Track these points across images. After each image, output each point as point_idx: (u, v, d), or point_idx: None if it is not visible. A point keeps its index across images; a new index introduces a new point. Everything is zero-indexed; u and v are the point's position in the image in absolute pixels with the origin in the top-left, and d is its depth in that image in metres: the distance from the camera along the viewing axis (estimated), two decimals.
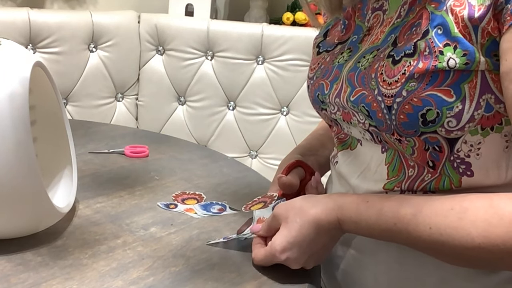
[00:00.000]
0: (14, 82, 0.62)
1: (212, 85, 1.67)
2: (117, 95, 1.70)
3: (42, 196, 0.66)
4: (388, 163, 0.68)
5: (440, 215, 0.56)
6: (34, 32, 1.54)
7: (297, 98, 1.65)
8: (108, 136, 1.18)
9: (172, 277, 0.65)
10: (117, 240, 0.72)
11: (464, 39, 0.56)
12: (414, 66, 0.59)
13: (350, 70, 0.69)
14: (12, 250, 0.67)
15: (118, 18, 1.67)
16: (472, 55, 0.56)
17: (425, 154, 0.62)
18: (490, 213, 0.54)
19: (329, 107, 0.74)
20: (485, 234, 0.53)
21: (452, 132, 0.59)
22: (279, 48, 1.63)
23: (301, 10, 1.94)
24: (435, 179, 0.64)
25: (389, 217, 0.60)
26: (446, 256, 0.59)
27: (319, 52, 0.79)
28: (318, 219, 0.64)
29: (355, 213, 0.63)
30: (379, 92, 0.62)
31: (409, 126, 0.61)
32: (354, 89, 0.67)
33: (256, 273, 0.68)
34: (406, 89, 0.59)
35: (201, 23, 1.67)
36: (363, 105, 0.65)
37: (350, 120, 0.70)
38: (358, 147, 0.73)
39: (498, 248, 0.53)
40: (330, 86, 0.72)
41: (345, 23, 0.77)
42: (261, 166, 1.69)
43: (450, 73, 0.57)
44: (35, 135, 0.70)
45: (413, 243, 0.60)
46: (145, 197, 0.87)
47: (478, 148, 0.60)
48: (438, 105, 0.58)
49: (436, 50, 0.58)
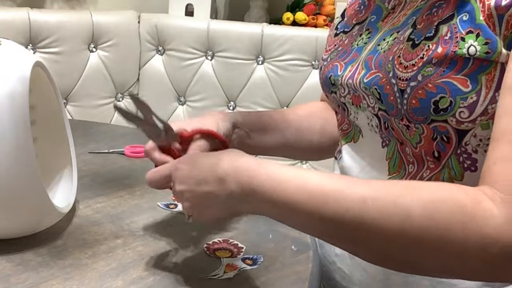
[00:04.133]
0: (14, 82, 0.62)
1: (212, 85, 1.67)
2: (117, 95, 1.70)
3: (42, 196, 0.66)
4: (388, 158, 0.67)
5: (381, 192, 0.51)
6: (34, 32, 1.54)
7: (297, 98, 1.64)
8: (108, 136, 1.18)
9: (172, 277, 0.65)
10: (117, 240, 0.72)
11: (488, 28, 0.55)
12: (433, 50, 0.58)
13: (369, 53, 0.67)
14: (12, 250, 0.67)
15: (118, 18, 1.67)
16: (494, 44, 0.55)
17: (432, 143, 0.61)
18: (437, 195, 0.50)
19: (339, 90, 0.72)
20: (426, 213, 0.49)
21: (463, 124, 0.58)
22: (279, 48, 1.63)
23: (301, 10, 1.94)
24: (435, 175, 0.63)
25: (314, 188, 0.53)
26: (375, 238, 0.52)
27: (337, 34, 0.78)
28: (226, 172, 0.57)
29: (277, 180, 0.55)
30: (394, 74, 0.61)
31: (420, 112, 0.59)
32: (369, 71, 0.65)
33: (256, 273, 0.68)
34: (422, 74, 0.58)
35: (201, 23, 1.67)
36: (375, 87, 0.63)
37: (359, 103, 0.69)
38: (360, 139, 0.73)
39: (441, 232, 0.48)
40: (344, 67, 0.71)
41: (364, 3, 0.76)
42: None
43: (470, 61, 0.56)
44: (35, 135, 0.70)
45: (341, 216, 0.52)
46: (145, 197, 0.87)
47: (487, 144, 0.58)
48: (452, 94, 0.56)
49: (458, 36, 0.56)
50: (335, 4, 1.95)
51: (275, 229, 0.77)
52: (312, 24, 1.92)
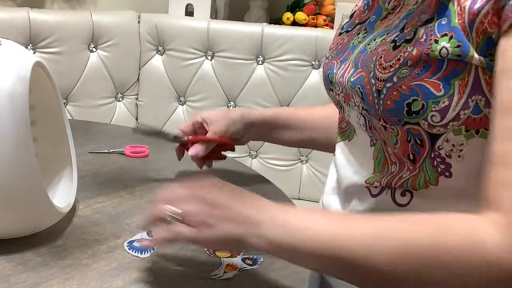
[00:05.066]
0: (14, 82, 0.62)
1: (212, 85, 1.67)
2: (117, 95, 1.70)
3: (42, 196, 0.66)
4: (375, 157, 0.69)
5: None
6: (34, 32, 1.54)
7: (297, 98, 1.64)
8: (108, 136, 1.18)
9: (172, 277, 0.65)
10: (117, 240, 0.72)
11: (461, 32, 0.55)
12: (409, 52, 0.58)
13: (359, 52, 0.69)
14: (12, 250, 0.67)
15: (118, 18, 1.67)
16: (466, 48, 0.55)
17: (407, 145, 0.62)
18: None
19: (335, 87, 0.73)
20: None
21: (435, 128, 0.58)
22: (279, 48, 1.63)
23: (301, 10, 1.94)
24: (412, 177, 0.63)
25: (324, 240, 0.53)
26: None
27: (341, 33, 0.79)
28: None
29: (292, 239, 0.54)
30: (373, 75, 0.62)
31: (394, 114, 0.60)
32: (356, 69, 0.67)
33: (256, 273, 0.68)
34: (398, 75, 0.59)
35: (201, 23, 1.67)
36: (359, 87, 0.64)
37: (349, 102, 0.70)
38: (354, 138, 0.74)
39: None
40: (339, 65, 0.72)
41: (368, 3, 0.77)
42: (261, 166, 1.69)
43: (444, 64, 0.56)
44: (35, 135, 0.70)
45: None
46: (145, 197, 0.87)
47: (460, 150, 0.59)
48: (424, 97, 0.57)
49: (433, 38, 0.57)
50: (335, 4, 1.94)
51: None
52: (312, 24, 1.92)
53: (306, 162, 1.69)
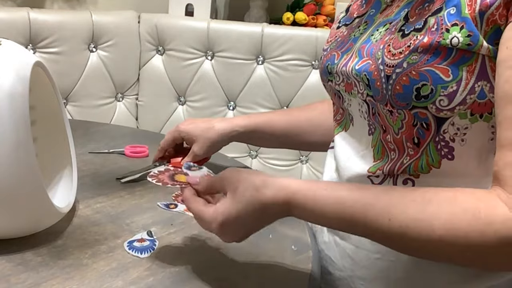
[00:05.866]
0: (14, 82, 0.62)
1: (212, 85, 1.67)
2: (117, 95, 1.70)
3: (42, 196, 0.66)
4: (373, 145, 0.70)
5: (401, 206, 0.54)
6: (34, 32, 1.54)
7: (297, 98, 1.64)
8: (108, 136, 1.18)
9: (172, 277, 0.65)
10: (117, 240, 0.72)
11: (472, 22, 0.57)
12: (420, 40, 0.60)
13: (363, 43, 0.71)
14: (12, 250, 0.67)
15: (118, 18, 1.67)
16: (476, 37, 0.57)
17: (413, 130, 0.64)
18: (454, 206, 0.52)
19: (334, 78, 0.76)
20: (447, 226, 0.52)
21: (442, 111, 0.60)
22: (279, 48, 1.63)
23: (301, 10, 1.94)
24: (414, 162, 0.65)
25: (347, 206, 0.57)
26: (405, 248, 0.57)
27: (339, 27, 0.82)
28: (267, 202, 0.60)
29: (312, 200, 0.59)
30: (382, 61, 0.64)
31: (402, 98, 0.62)
32: (361, 59, 0.69)
33: (257, 273, 0.68)
34: (408, 61, 0.61)
35: (201, 23, 1.67)
36: (365, 73, 0.66)
37: (351, 90, 0.72)
38: (351, 128, 0.76)
39: (459, 241, 0.51)
40: (340, 56, 0.75)
41: None
42: (261, 166, 1.69)
43: (452, 52, 0.58)
44: (35, 135, 0.70)
45: (371, 234, 0.57)
46: (145, 197, 0.87)
47: (464, 133, 0.61)
48: (434, 82, 0.59)
49: (444, 27, 0.59)
50: (335, 4, 1.95)
51: (275, 229, 0.77)
52: (312, 24, 1.92)
53: (306, 162, 1.69)
